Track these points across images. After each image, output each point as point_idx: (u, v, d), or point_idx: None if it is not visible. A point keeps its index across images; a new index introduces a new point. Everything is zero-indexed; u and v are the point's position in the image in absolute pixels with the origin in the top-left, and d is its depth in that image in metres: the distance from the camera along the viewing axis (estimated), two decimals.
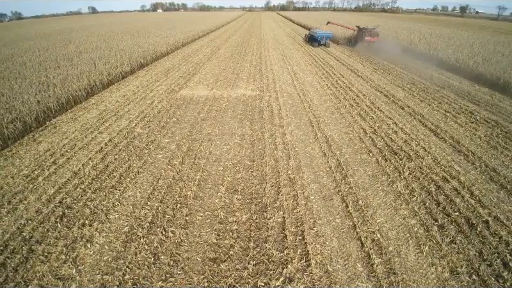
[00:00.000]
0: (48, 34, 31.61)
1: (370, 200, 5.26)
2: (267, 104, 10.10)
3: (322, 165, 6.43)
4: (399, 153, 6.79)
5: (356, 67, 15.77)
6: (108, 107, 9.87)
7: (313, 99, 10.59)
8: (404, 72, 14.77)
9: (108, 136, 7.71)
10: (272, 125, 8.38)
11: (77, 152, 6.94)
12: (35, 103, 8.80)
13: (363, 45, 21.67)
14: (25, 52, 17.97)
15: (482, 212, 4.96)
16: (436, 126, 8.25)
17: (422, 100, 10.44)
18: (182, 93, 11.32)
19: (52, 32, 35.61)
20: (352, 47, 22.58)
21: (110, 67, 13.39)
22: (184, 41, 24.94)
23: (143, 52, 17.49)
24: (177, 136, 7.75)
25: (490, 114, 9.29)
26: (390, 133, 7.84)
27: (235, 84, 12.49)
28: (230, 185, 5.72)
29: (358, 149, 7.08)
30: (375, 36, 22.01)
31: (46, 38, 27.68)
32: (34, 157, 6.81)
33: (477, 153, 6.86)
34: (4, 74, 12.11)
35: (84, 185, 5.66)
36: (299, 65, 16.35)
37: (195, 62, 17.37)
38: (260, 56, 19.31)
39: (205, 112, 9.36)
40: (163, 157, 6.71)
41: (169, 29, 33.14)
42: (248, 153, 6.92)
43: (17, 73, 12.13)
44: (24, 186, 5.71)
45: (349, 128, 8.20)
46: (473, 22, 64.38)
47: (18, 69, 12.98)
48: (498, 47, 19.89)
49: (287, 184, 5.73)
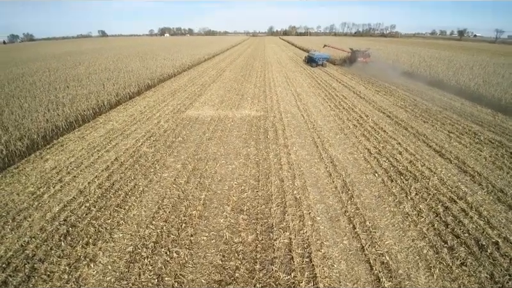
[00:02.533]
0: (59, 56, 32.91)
1: (378, 221, 5.17)
2: (271, 124, 10.23)
3: (328, 185, 6.40)
4: (404, 174, 6.76)
5: (358, 89, 16.08)
6: (115, 127, 10.05)
7: (317, 120, 10.72)
8: (406, 93, 15.00)
9: (114, 155, 7.79)
10: (277, 145, 8.44)
11: (83, 170, 7.00)
12: (44, 121, 9.00)
13: (357, 65, 23.75)
14: (35, 72, 18.64)
15: (492, 233, 4.84)
16: (441, 147, 8.26)
17: (425, 121, 10.52)
18: (188, 113, 11.54)
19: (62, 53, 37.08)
20: (348, 67, 24.51)
21: (118, 88, 13.79)
22: (190, 63, 25.78)
23: (150, 73, 18.07)
24: (183, 155, 7.82)
25: (494, 134, 9.31)
26: (394, 153, 7.85)
27: (240, 105, 12.74)
28: (235, 204, 5.68)
29: (363, 169, 7.07)
30: (367, 57, 24.37)
31: (56, 59, 28.79)
32: (41, 174, 6.87)
33: (483, 173, 6.80)
34: (15, 93, 12.51)
35: (89, 204, 5.66)
36: (302, 87, 16.71)
37: (201, 84, 17.85)
38: (264, 78, 19.82)
39: (210, 132, 9.49)
40: (168, 176, 6.74)
41: (176, 52, 34.37)
42: (253, 172, 6.93)
43: (27, 93, 12.51)
44: (28, 203, 5.72)
45: (353, 149, 8.23)
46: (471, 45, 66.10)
47: (28, 88, 13.40)
48: (497, 68, 20.28)
49: (292, 204, 5.68)
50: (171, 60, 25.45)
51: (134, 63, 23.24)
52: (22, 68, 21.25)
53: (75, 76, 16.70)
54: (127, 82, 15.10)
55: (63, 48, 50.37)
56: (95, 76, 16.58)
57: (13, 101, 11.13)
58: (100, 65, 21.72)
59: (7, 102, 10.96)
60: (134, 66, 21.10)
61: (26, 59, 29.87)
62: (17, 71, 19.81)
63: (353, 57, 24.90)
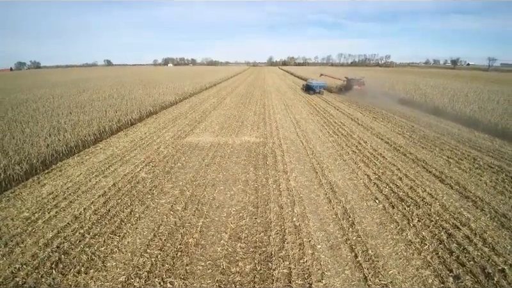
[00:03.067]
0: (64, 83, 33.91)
1: (380, 250, 5.00)
2: (270, 150, 10.28)
3: (328, 212, 6.27)
4: (405, 200, 6.65)
5: (356, 116, 16.37)
6: (115, 152, 10.09)
7: (315, 146, 10.78)
8: (402, 120, 15.25)
9: (112, 180, 7.73)
10: (276, 171, 8.40)
11: (79, 196, 6.90)
12: (44, 146, 9.05)
13: (352, 92, 25.13)
14: (39, 99, 19.10)
15: (497, 260, 4.67)
16: (441, 172, 8.22)
17: (423, 146, 10.58)
18: (188, 140, 11.64)
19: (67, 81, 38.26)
20: (344, 94, 25.74)
21: (120, 114, 14.04)
22: (192, 91, 26.51)
23: (152, 101, 18.51)
24: (181, 181, 7.76)
25: (493, 159, 9.32)
26: (394, 179, 7.79)
27: (239, 132, 12.89)
28: (233, 232, 5.53)
29: (363, 195, 6.97)
30: (362, 85, 25.84)
31: (61, 86, 29.63)
32: (37, 199, 6.77)
33: (484, 199, 6.71)
34: (17, 118, 12.73)
35: (83, 230, 5.50)
36: (300, 114, 17.03)
37: (201, 111, 18.21)
38: (264, 105, 20.26)
39: (209, 158, 9.50)
40: (166, 202, 6.63)
41: (178, 80, 35.49)
42: (251, 199, 6.83)
43: (30, 118, 12.73)
44: (22, 229, 5.57)
45: (353, 175, 8.18)
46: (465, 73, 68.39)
47: (31, 114, 13.65)
48: (492, 95, 20.84)
49: (292, 231, 5.53)
50: (173, 88, 26.20)
51: (137, 90, 23.89)
52: (26, 94, 21.80)
53: (78, 103, 17.07)
54: (129, 109, 15.43)
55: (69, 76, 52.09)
56: (98, 103, 16.96)
57: (15, 126, 11.29)
58: (104, 92, 22.31)
59: (9, 127, 11.11)
60: (137, 93, 21.68)
61: (31, 86, 30.76)
62: (22, 97, 20.31)
63: (349, 85, 26.39)
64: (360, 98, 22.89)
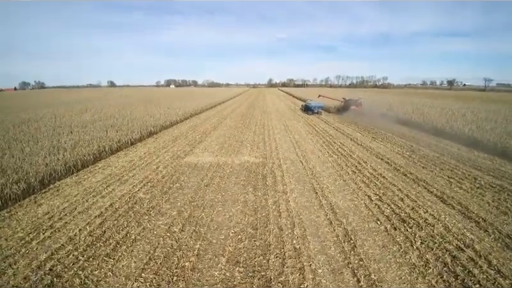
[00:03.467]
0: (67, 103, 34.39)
1: (384, 274, 4.83)
2: (270, 170, 10.23)
3: (329, 234, 6.13)
4: (408, 221, 6.52)
5: (355, 136, 16.45)
6: (113, 172, 10.03)
7: (315, 166, 10.74)
8: (402, 140, 15.31)
9: (109, 201, 7.63)
10: (276, 192, 8.31)
11: (75, 216, 6.78)
12: (43, 165, 9.01)
13: (350, 112, 25.71)
14: (41, 118, 19.27)
15: (504, 283, 4.50)
16: (442, 192, 8.12)
17: (423, 166, 10.54)
18: (188, 160, 11.62)
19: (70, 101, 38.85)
20: (341, 115, 26.31)
21: (121, 134, 14.13)
22: (193, 112, 26.87)
23: (153, 121, 18.70)
24: (179, 202, 7.65)
25: (494, 179, 9.24)
26: (396, 200, 7.69)
27: (239, 152, 12.90)
28: (231, 255, 5.37)
29: (364, 217, 6.84)
30: (359, 105, 26.66)
31: (64, 106, 30.02)
32: (32, 219, 6.64)
33: (487, 219, 6.58)
34: (18, 137, 12.77)
35: (77, 252, 5.35)
36: (300, 134, 17.13)
37: (202, 131, 18.34)
38: (263, 125, 20.44)
39: (208, 179, 9.43)
40: (163, 224, 6.49)
41: (180, 101, 36.08)
42: (251, 220, 6.70)
43: (31, 137, 12.77)
44: (16, 249, 5.43)
45: (353, 195, 8.08)
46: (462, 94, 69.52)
47: (33, 133, 13.71)
48: (489, 115, 21.06)
49: (292, 255, 5.36)
50: (174, 109, 26.57)
51: (138, 111, 24.20)
52: (28, 114, 22.03)
53: (80, 122, 17.23)
54: (129, 129, 15.55)
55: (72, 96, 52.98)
56: (99, 123, 17.12)
57: (15, 144, 11.31)
58: (106, 112, 22.58)
59: (9, 146, 11.13)
60: (139, 113, 21.95)
61: (34, 105, 31.20)
62: (24, 116, 20.51)
63: (346, 106, 27.16)
64: (359, 119, 23.22)
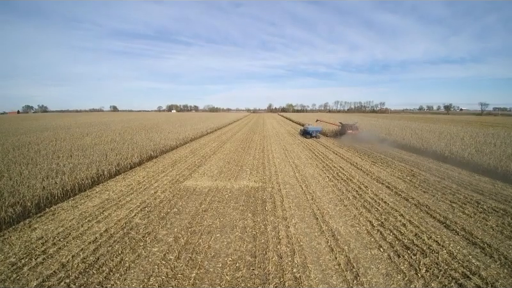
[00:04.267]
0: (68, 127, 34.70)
1: None
2: (269, 195, 10.09)
3: (330, 262, 5.90)
4: (411, 248, 6.31)
5: (355, 160, 16.43)
6: (111, 196, 9.89)
7: (315, 191, 10.62)
8: (401, 164, 15.27)
9: (105, 226, 7.44)
10: (275, 217, 8.14)
11: (69, 242, 6.57)
12: (40, 189, 8.92)
13: (347, 136, 26.53)
14: (42, 141, 19.35)
15: None
16: (445, 217, 7.95)
17: (424, 191, 10.41)
18: (186, 184, 11.51)
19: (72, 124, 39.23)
20: (339, 138, 27.10)
21: (120, 158, 14.12)
22: (193, 136, 27.08)
23: (154, 145, 18.79)
24: (176, 228, 7.46)
25: (497, 203, 9.10)
26: (398, 225, 7.50)
27: (238, 176, 12.82)
28: (228, 285, 5.13)
29: (367, 243, 6.63)
30: (356, 130, 27.42)
31: (65, 129, 30.27)
32: (25, 244, 6.45)
33: (492, 244, 6.38)
34: (17, 159, 12.75)
35: (69, 280, 5.11)
36: (299, 158, 17.12)
37: (201, 155, 18.36)
38: (263, 150, 20.50)
39: (207, 203, 9.28)
40: (158, 251, 6.28)
41: (180, 126, 36.51)
42: (249, 247, 6.48)
43: (30, 160, 12.74)
44: (6, 275, 5.21)
45: (355, 221, 7.90)
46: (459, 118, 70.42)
47: (32, 156, 13.69)
48: (488, 138, 21.16)
49: (292, 284, 5.13)
50: (175, 133, 26.81)
51: (139, 135, 24.40)
52: (30, 137, 22.17)
53: (80, 146, 17.28)
54: (129, 153, 15.57)
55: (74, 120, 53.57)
56: (99, 146, 17.18)
57: (14, 167, 11.26)
58: (107, 136, 22.73)
59: (8, 168, 11.07)
60: (139, 138, 22.10)
61: (36, 129, 31.46)
62: (25, 139, 20.63)
63: (343, 130, 28.03)
64: (358, 144, 23.37)
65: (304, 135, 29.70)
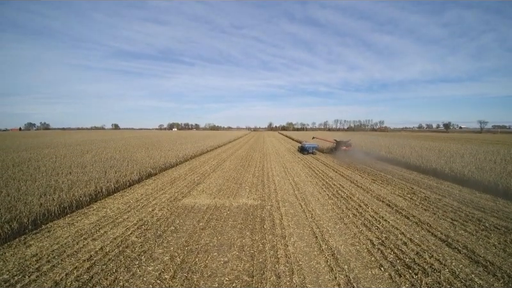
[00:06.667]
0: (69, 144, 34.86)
1: None
2: (268, 213, 9.98)
3: (330, 282, 5.74)
4: (413, 267, 6.16)
5: (355, 178, 16.36)
6: (108, 214, 9.78)
7: (315, 209, 10.50)
8: (402, 182, 15.18)
9: (100, 244, 7.31)
10: (274, 236, 8.00)
11: (64, 260, 6.44)
12: (37, 205, 8.86)
13: (341, 152, 28.76)
14: (42, 158, 19.38)
15: None
16: (446, 235, 7.80)
17: (425, 209, 10.28)
18: (184, 202, 11.42)
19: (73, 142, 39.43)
20: (334, 154, 29.13)
21: (119, 175, 14.09)
22: (193, 154, 27.13)
23: (153, 163, 18.80)
24: (172, 246, 7.32)
25: (499, 220, 8.95)
26: (399, 244, 7.35)
27: (237, 194, 12.73)
28: None
29: (367, 262, 6.48)
30: (349, 146, 29.87)
31: (66, 147, 30.39)
32: (19, 261, 6.32)
33: (495, 263, 6.23)
34: (16, 176, 12.73)
35: None
36: (299, 176, 17.06)
37: (201, 173, 18.32)
38: (263, 168, 20.47)
39: (204, 221, 9.16)
40: (153, 270, 6.14)
41: (181, 144, 36.66)
42: (247, 267, 6.33)
43: (29, 176, 12.72)
44: None
45: (355, 240, 7.75)
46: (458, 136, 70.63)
47: (31, 172, 13.69)
48: (488, 155, 21.10)
49: None
50: (175, 151, 26.88)
51: (139, 152, 24.46)
52: (30, 153, 22.22)
53: (80, 163, 17.29)
54: (129, 170, 15.56)
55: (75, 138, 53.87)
56: (99, 164, 17.18)
57: (12, 183, 11.23)
58: (107, 154, 22.78)
59: (6, 184, 11.04)
60: (139, 155, 22.14)
61: (37, 146, 31.60)
62: (25, 155, 20.66)
63: (337, 146, 30.52)
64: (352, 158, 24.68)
65: (301, 151, 31.78)
